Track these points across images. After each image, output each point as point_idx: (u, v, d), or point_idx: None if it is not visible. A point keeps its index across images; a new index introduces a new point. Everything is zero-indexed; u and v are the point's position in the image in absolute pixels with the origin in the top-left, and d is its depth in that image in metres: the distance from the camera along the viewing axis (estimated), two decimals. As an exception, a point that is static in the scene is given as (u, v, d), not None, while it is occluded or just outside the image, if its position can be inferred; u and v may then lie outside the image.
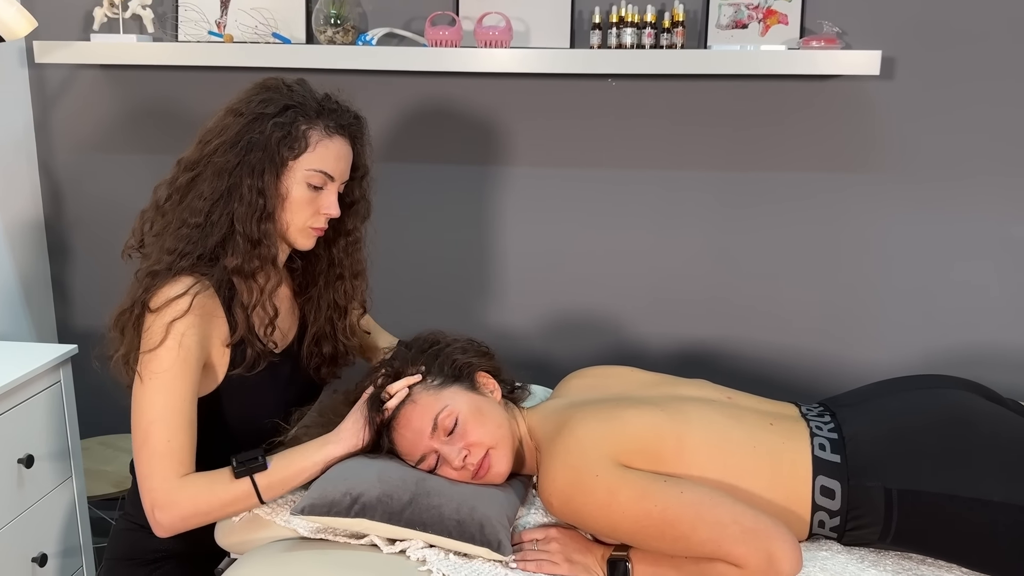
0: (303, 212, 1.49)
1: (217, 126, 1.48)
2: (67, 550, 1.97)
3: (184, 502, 1.38)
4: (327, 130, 1.48)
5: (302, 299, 1.66)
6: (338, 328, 1.65)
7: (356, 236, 1.63)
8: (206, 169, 1.46)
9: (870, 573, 1.36)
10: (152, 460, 1.38)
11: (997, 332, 2.23)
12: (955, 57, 2.11)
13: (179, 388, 1.39)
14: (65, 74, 2.34)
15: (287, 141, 1.44)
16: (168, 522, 1.39)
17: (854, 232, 2.23)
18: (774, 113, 2.19)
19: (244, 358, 1.49)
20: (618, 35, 2.08)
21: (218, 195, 1.45)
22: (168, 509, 1.38)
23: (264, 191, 1.45)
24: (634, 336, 2.34)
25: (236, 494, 1.40)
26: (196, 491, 1.38)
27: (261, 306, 1.50)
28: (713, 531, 1.28)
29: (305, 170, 1.47)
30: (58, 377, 1.93)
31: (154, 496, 1.38)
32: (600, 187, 2.28)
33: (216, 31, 2.21)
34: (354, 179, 1.58)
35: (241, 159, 1.44)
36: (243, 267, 1.47)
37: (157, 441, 1.38)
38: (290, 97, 1.48)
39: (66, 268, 2.45)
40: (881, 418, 1.48)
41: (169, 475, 1.38)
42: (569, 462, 1.39)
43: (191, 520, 1.40)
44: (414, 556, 1.36)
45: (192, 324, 1.40)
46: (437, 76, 2.23)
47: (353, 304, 1.66)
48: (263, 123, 1.44)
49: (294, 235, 1.52)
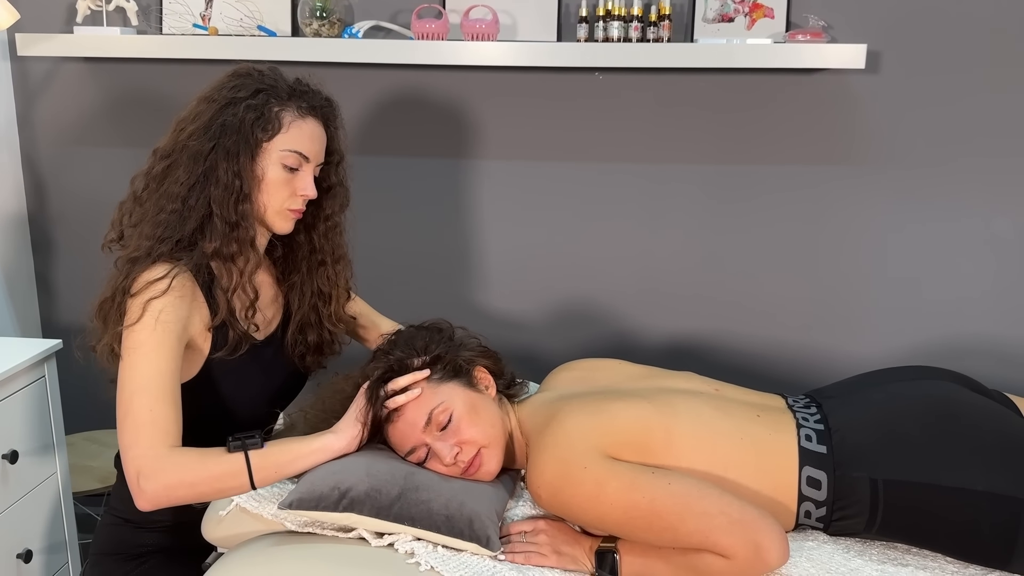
0: (280, 194, 1.50)
1: (191, 113, 1.49)
2: (52, 546, 1.96)
3: (171, 469, 1.33)
4: (300, 111, 1.49)
5: (285, 287, 1.65)
6: (323, 315, 1.65)
7: (335, 221, 1.63)
8: (181, 156, 1.46)
9: (856, 563, 1.37)
10: (136, 429, 1.34)
11: (982, 324, 2.24)
12: (940, 51, 2.12)
13: (158, 361, 1.37)
14: (48, 67, 2.32)
15: (260, 123, 1.45)
16: (152, 491, 1.32)
17: (840, 225, 2.24)
18: (760, 106, 2.19)
19: (226, 341, 1.49)
20: (605, 29, 2.09)
21: (194, 180, 1.45)
22: (154, 476, 1.32)
23: (240, 173, 1.45)
24: (622, 330, 2.35)
25: (227, 469, 1.35)
26: (186, 460, 1.34)
27: (241, 289, 1.50)
28: (701, 522, 1.28)
29: (280, 151, 1.47)
30: (42, 372, 1.91)
31: (140, 463, 1.32)
32: (587, 181, 2.28)
33: (201, 24, 2.20)
34: (330, 164, 1.59)
35: (216, 143, 1.45)
36: (222, 250, 1.47)
37: (139, 410, 1.35)
38: (261, 81, 1.49)
39: (50, 262, 2.43)
40: (867, 409, 1.48)
41: (155, 443, 1.33)
42: (557, 454, 1.39)
43: (176, 491, 1.34)
44: (402, 549, 1.36)
45: (170, 303, 1.39)
46: (423, 69, 2.22)
47: (337, 290, 1.66)
48: (236, 107, 1.45)
49: (272, 218, 1.52)
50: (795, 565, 1.35)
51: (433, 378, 1.48)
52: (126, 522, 1.61)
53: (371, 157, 2.29)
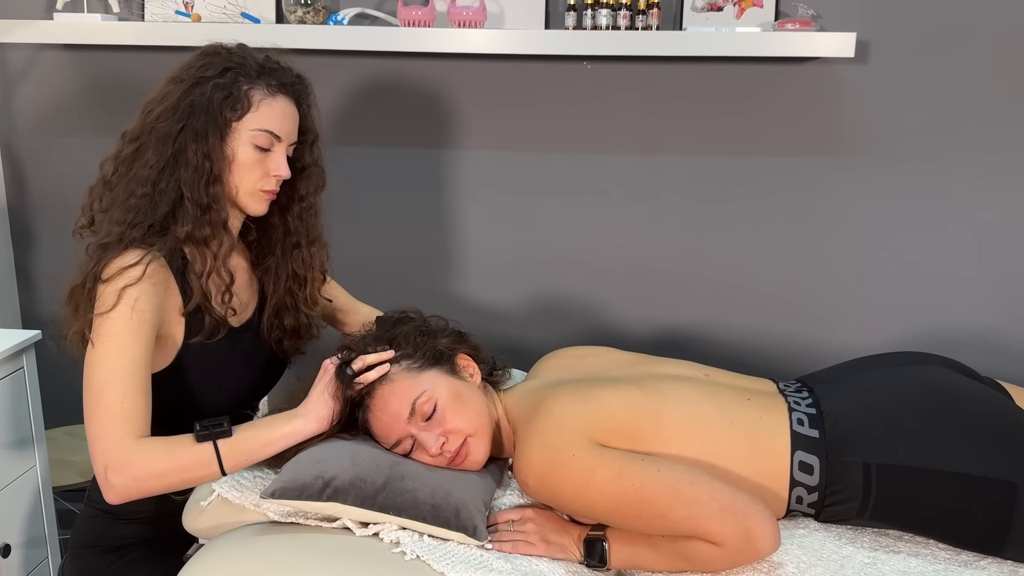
0: (252, 174, 1.47)
1: (159, 95, 1.46)
2: (31, 540, 1.93)
3: (140, 462, 1.30)
4: (269, 89, 1.46)
5: (260, 271, 1.62)
6: (299, 299, 1.62)
7: (310, 202, 1.59)
8: (150, 138, 1.43)
9: (848, 550, 1.36)
10: (105, 421, 1.31)
11: (971, 314, 2.24)
12: (929, 40, 2.12)
13: (132, 350, 1.34)
14: (28, 54, 2.28)
15: (229, 102, 1.42)
16: (121, 484, 1.30)
17: (829, 214, 2.23)
18: (749, 96, 2.18)
19: (202, 327, 1.46)
20: (593, 16, 2.07)
21: (164, 162, 1.42)
22: (122, 470, 1.29)
23: (210, 154, 1.42)
24: (611, 320, 2.33)
25: (196, 459, 1.33)
26: (154, 452, 1.32)
27: (216, 272, 1.47)
28: (691, 509, 1.27)
29: (250, 131, 1.44)
30: (21, 363, 1.88)
31: (108, 456, 1.30)
32: (575, 171, 2.26)
33: (183, 11, 2.17)
34: (303, 143, 1.55)
35: (184, 124, 1.42)
36: (194, 233, 1.44)
37: (111, 402, 1.31)
38: (229, 59, 1.46)
39: (30, 253, 2.40)
40: (859, 393, 1.47)
41: (124, 436, 1.31)
42: (546, 442, 1.37)
43: (145, 483, 1.31)
44: (387, 539, 1.34)
45: (145, 291, 1.37)
46: (409, 57, 2.20)
47: (312, 273, 1.63)
48: (204, 86, 1.42)
49: (244, 199, 1.49)
50: (786, 552, 1.34)
51: (413, 366, 1.45)
52: (106, 514, 1.58)
53: (356, 146, 2.27)
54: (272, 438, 1.37)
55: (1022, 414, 1.45)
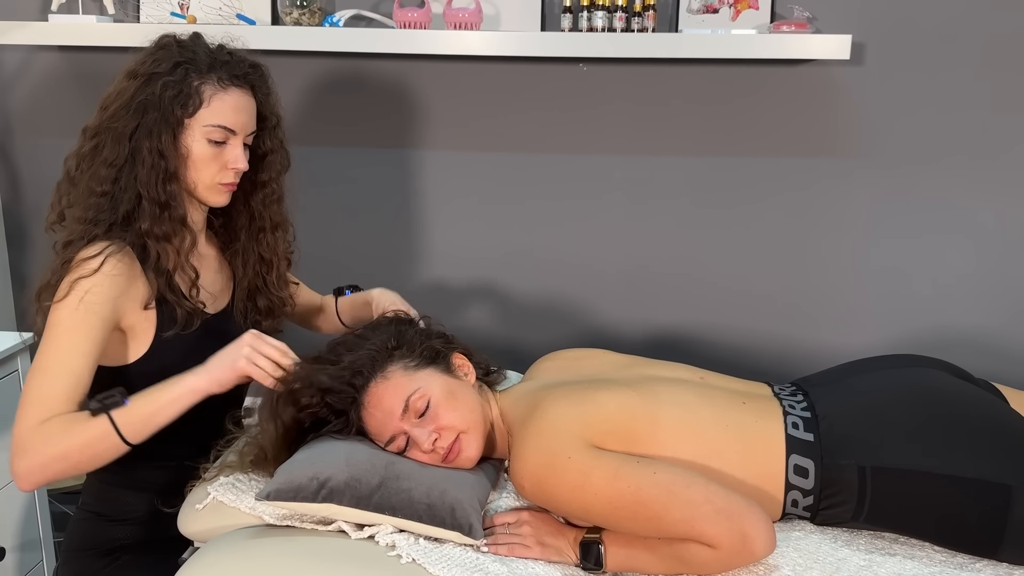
0: (208, 169, 1.46)
1: (115, 90, 1.46)
2: (26, 544, 1.92)
3: (40, 446, 1.29)
4: (220, 83, 1.44)
5: (228, 255, 1.62)
6: (268, 282, 1.62)
7: (273, 188, 1.59)
8: (107, 136, 1.43)
9: (843, 553, 1.36)
10: (22, 409, 1.31)
11: (965, 316, 2.24)
12: (924, 42, 2.12)
13: (71, 342, 1.34)
14: (22, 56, 2.28)
15: (180, 99, 1.41)
16: (25, 469, 1.29)
17: (825, 216, 2.24)
18: (745, 98, 2.18)
19: (175, 319, 1.46)
20: (589, 19, 2.07)
21: (122, 161, 1.42)
22: (25, 455, 1.28)
23: (163, 152, 1.42)
24: (607, 322, 2.33)
25: (94, 433, 1.31)
26: (51, 433, 1.30)
27: (180, 268, 1.47)
28: (686, 511, 1.26)
29: (203, 127, 1.43)
30: (16, 366, 1.88)
31: (15, 443, 1.29)
32: (571, 172, 2.26)
33: (179, 12, 2.17)
34: (264, 129, 1.54)
35: (139, 122, 1.41)
36: (153, 230, 1.43)
37: (31, 389, 1.32)
38: (180, 53, 1.44)
39: (25, 255, 2.39)
40: (854, 396, 1.47)
41: (32, 422, 1.30)
42: (541, 444, 1.36)
43: (51, 467, 1.30)
44: (383, 541, 1.33)
45: (99, 283, 1.36)
46: (406, 59, 2.19)
47: (277, 258, 1.63)
48: (155, 83, 1.41)
49: (204, 193, 1.49)
50: (782, 555, 1.33)
51: (410, 365, 1.45)
52: (99, 516, 1.57)
53: (352, 148, 2.27)
54: (168, 400, 1.36)
55: (1016, 416, 1.45)
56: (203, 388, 1.37)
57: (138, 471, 1.53)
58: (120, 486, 1.56)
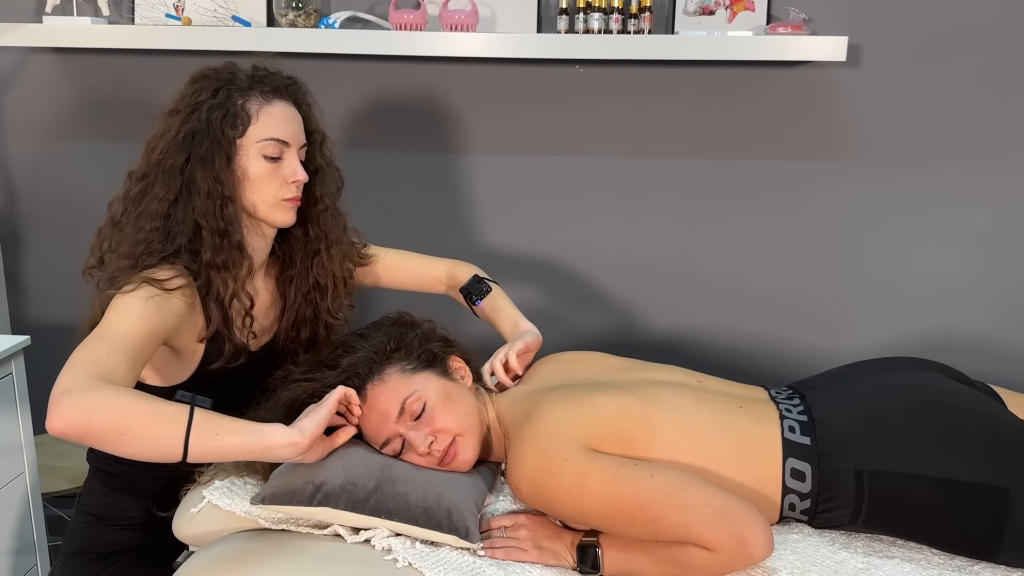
0: (268, 187, 1.45)
1: (159, 130, 1.45)
2: (21, 548, 1.91)
3: (106, 391, 1.14)
4: (264, 96, 1.44)
5: (283, 281, 1.59)
6: (320, 309, 1.59)
7: (326, 204, 1.57)
8: (157, 174, 1.42)
9: (841, 556, 1.36)
10: (87, 359, 1.19)
11: (961, 317, 2.24)
12: (920, 43, 2.12)
13: (136, 325, 1.26)
14: (17, 58, 2.27)
15: (228, 120, 1.40)
16: (73, 407, 1.11)
17: (821, 218, 2.24)
18: (741, 99, 2.18)
19: (222, 353, 1.44)
20: (585, 20, 2.07)
21: (175, 195, 1.40)
22: (81, 394, 1.12)
23: (219, 177, 1.40)
24: (603, 325, 2.33)
25: (166, 410, 1.17)
26: (123, 390, 1.17)
27: (236, 297, 1.44)
28: (684, 514, 1.26)
29: (256, 143, 1.43)
30: (10, 369, 1.87)
31: (72, 381, 1.14)
32: (567, 175, 2.26)
33: (174, 14, 2.16)
34: (312, 145, 1.53)
35: (189, 153, 1.40)
36: (215, 260, 1.41)
37: (98, 348, 1.21)
38: (218, 78, 1.44)
39: (19, 259, 2.38)
40: (850, 400, 1.47)
41: (97, 375, 1.16)
42: (538, 447, 1.36)
43: (99, 414, 1.12)
44: (379, 545, 1.33)
45: (167, 297, 1.33)
46: (401, 61, 2.19)
47: (333, 279, 1.59)
48: (200, 111, 1.41)
49: (267, 212, 1.46)
50: (779, 558, 1.33)
51: (407, 368, 1.45)
52: (97, 519, 1.57)
53: (347, 151, 2.26)
54: (248, 429, 1.22)
55: (1013, 419, 1.45)
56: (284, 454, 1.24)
57: (137, 476, 1.53)
58: (120, 490, 1.56)
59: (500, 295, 1.72)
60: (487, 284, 1.73)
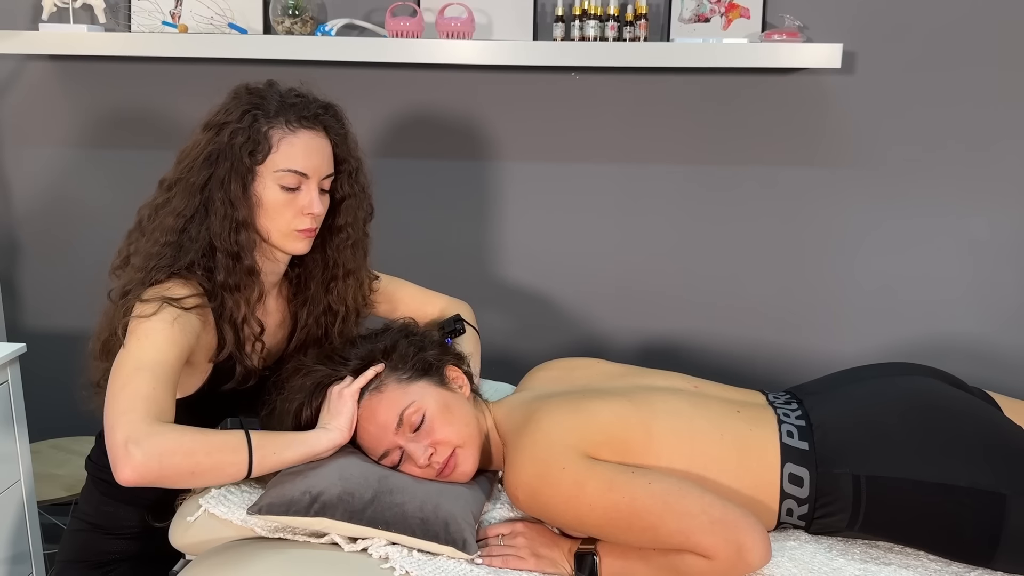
0: (282, 216, 1.42)
1: (191, 143, 1.44)
2: (16, 556, 1.90)
3: (168, 434, 1.20)
4: (289, 125, 1.41)
5: (296, 303, 1.57)
6: (331, 333, 1.57)
7: (348, 233, 1.52)
8: (180, 187, 1.42)
9: (838, 562, 1.36)
10: (134, 399, 1.22)
11: (958, 324, 2.25)
12: (915, 51, 2.13)
13: (167, 352, 1.29)
14: (13, 65, 2.27)
15: (248, 146, 1.38)
16: (142, 457, 1.16)
17: (817, 225, 2.24)
18: (737, 106, 2.19)
19: (233, 374, 1.44)
20: (581, 28, 2.08)
21: (191, 212, 1.40)
22: (146, 441, 1.17)
23: (233, 202, 1.39)
24: (599, 331, 2.33)
25: (227, 441, 1.26)
26: (182, 430, 1.23)
27: (247, 321, 1.44)
28: (681, 522, 1.26)
29: (274, 172, 1.40)
30: (6, 377, 1.86)
31: (131, 429, 1.18)
32: (562, 181, 2.26)
33: (170, 21, 2.16)
34: (341, 173, 1.49)
35: (211, 172, 1.40)
36: (227, 281, 1.41)
37: (141, 384, 1.23)
38: (250, 101, 1.42)
39: (15, 265, 2.38)
40: (848, 405, 1.47)
41: (151, 416, 1.21)
42: (535, 455, 1.36)
43: (168, 459, 1.19)
44: (376, 554, 1.33)
45: (187, 317, 1.34)
46: (397, 68, 2.19)
47: (345, 307, 1.57)
48: (224, 133, 1.40)
49: (280, 240, 1.44)
50: (777, 565, 1.33)
51: (403, 377, 1.44)
52: (94, 528, 1.57)
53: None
54: (296, 439, 1.35)
55: (1010, 424, 1.45)
56: (333, 445, 1.39)
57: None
58: (117, 499, 1.55)
59: (470, 341, 1.70)
60: (462, 326, 1.69)
